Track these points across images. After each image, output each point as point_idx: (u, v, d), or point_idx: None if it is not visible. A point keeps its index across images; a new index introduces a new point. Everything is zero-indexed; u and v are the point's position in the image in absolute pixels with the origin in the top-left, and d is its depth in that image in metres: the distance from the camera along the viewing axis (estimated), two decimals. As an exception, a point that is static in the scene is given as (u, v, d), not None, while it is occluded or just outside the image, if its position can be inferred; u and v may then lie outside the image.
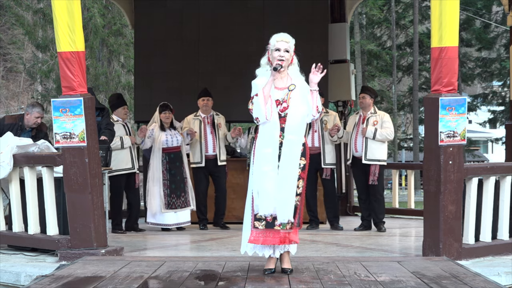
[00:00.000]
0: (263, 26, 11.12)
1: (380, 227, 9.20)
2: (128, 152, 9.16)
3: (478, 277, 5.46)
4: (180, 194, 9.45)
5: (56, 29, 6.59)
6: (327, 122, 9.42)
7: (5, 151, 7.04)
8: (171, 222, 9.45)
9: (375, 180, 9.12)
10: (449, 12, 6.35)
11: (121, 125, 9.22)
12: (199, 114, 9.78)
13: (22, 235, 7.07)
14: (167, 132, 9.44)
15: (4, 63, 34.75)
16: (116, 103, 9.44)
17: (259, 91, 5.53)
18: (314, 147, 9.32)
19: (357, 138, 9.20)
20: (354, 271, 5.66)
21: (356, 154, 9.21)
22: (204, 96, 9.76)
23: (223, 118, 9.93)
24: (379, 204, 9.27)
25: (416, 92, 31.83)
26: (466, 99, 6.53)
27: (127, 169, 9.15)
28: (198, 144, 9.65)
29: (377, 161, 9.11)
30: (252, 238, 5.55)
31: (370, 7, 31.16)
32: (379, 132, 9.09)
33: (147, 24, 11.76)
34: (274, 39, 5.62)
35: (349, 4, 12.34)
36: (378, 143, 9.12)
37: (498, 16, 33.20)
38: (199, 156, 9.66)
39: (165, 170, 9.40)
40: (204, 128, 9.69)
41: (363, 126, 9.17)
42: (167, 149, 9.42)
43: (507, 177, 7.02)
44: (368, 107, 9.28)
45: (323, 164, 9.38)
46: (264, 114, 5.50)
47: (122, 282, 5.21)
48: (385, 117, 9.30)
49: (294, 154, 5.53)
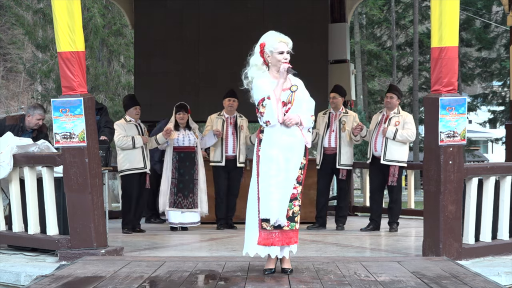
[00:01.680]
0: (263, 26, 11.02)
1: (393, 227, 9.15)
2: (140, 152, 9.17)
3: (478, 277, 5.46)
4: (188, 195, 9.44)
5: (56, 29, 6.59)
6: (345, 123, 9.31)
7: (5, 151, 7.04)
8: (176, 221, 9.45)
9: (394, 181, 9.00)
10: (449, 12, 6.35)
11: (134, 125, 9.26)
12: (222, 114, 9.74)
13: (22, 235, 7.07)
14: (180, 132, 9.49)
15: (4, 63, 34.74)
16: (128, 103, 9.48)
17: (271, 93, 5.43)
18: (331, 147, 9.27)
19: (378, 138, 9.06)
20: (354, 271, 5.66)
21: (376, 153, 9.08)
22: (230, 97, 9.68)
23: (246, 120, 9.80)
24: (396, 205, 9.21)
25: (416, 92, 31.82)
26: (466, 99, 6.52)
27: (139, 169, 9.16)
28: (219, 143, 9.63)
29: (396, 162, 8.95)
30: (261, 239, 5.52)
31: (370, 7, 31.16)
32: (399, 132, 8.92)
33: (147, 24, 11.77)
34: (274, 40, 5.51)
35: (349, 4, 12.35)
36: (398, 144, 8.96)
37: (498, 16, 33.19)
38: (219, 155, 9.63)
39: (174, 168, 9.45)
40: (226, 128, 9.64)
41: (385, 125, 9.03)
42: (178, 148, 9.47)
43: (507, 177, 7.02)
44: (394, 107, 9.13)
45: (338, 165, 9.30)
46: (277, 117, 5.43)
47: (122, 282, 5.21)
48: (408, 118, 9.10)
49: (295, 156, 5.52)
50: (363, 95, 32.74)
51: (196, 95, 11.57)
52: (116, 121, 9.46)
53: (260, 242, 5.52)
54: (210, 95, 10.45)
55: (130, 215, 9.23)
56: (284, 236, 5.53)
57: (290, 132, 5.51)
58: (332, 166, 9.30)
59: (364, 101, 32.82)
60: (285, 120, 5.46)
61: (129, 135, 9.10)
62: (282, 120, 5.47)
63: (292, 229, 5.54)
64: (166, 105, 10.22)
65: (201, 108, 10.87)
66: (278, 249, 5.56)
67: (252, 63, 5.60)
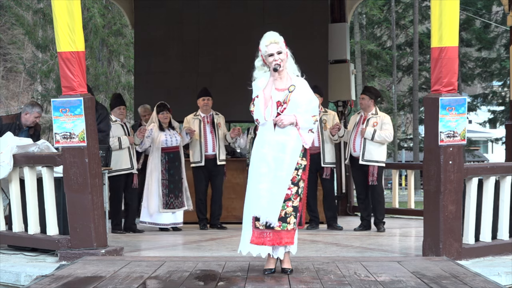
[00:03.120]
0: (263, 26, 11.06)
1: (380, 227, 9.21)
2: (127, 152, 9.17)
3: (478, 277, 5.46)
4: (178, 194, 9.47)
5: (56, 29, 6.59)
6: (326, 121, 9.41)
7: (5, 151, 7.04)
8: (168, 222, 9.46)
9: (374, 180, 9.12)
10: (449, 12, 6.35)
11: (119, 125, 9.23)
12: (198, 114, 9.80)
13: (22, 235, 7.07)
14: (166, 132, 9.46)
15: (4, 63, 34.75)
16: (113, 103, 9.48)
17: (260, 92, 5.55)
18: (314, 146, 9.30)
19: (356, 138, 9.20)
20: (354, 271, 5.66)
21: (354, 154, 9.21)
22: (204, 96, 9.78)
23: (222, 117, 9.94)
24: (379, 205, 9.27)
25: (416, 92, 31.82)
26: (466, 99, 6.52)
27: (125, 169, 9.15)
28: (198, 143, 9.66)
29: (375, 162, 9.09)
30: (254, 238, 5.55)
31: (370, 7, 31.14)
32: (377, 133, 9.07)
33: (147, 24, 11.77)
34: (263, 44, 5.59)
35: (349, 4, 12.35)
36: (376, 144, 9.10)
37: (498, 16, 33.19)
38: (199, 156, 9.67)
39: (164, 170, 9.42)
40: (203, 128, 9.70)
41: (363, 126, 9.17)
42: (167, 148, 9.44)
43: (507, 177, 7.02)
44: (368, 108, 9.26)
45: (323, 164, 9.38)
46: (263, 116, 5.52)
47: (122, 282, 5.21)
48: (386, 119, 9.26)
49: (288, 156, 5.52)
50: (363, 95, 32.69)
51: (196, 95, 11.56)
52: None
53: (253, 241, 5.55)
54: (210, 95, 10.42)
55: (120, 216, 9.23)
56: (275, 236, 5.52)
57: (284, 132, 5.53)
58: (316, 166, 9.32)
59: (364, 101, 32.77)
60: (277, 121, 5.50)
61: (115, 136, 9.06)
62: (274, 120, 5.52)
63: (284, 229, 5.51)
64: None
65: (201, 108, 10.86)
66: (270, 249, 5.57)
67: (256, 65, 5.73)
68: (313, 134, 5.66)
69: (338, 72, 11.76)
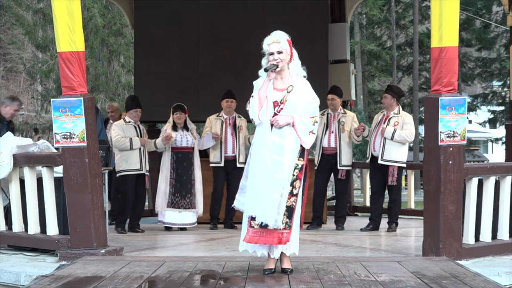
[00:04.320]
0: (263, 26, 11.12)
1: (391, 227, 9.16)
2: (137, 153, 9.18)
3: (478, 277, 5.46)
4: (186, 195, 9.49)
5: (56, 29, 6.59)
6: (344, 123, 9.34)
7: (5, 151, 7.05)
8: (174, 221, 9.48)
9: (394, 181, 9.01)
10: (449, 12, 6.35)
11: (132, 126, 9.27)
12: (221, 115, 9.77)
13: (22, 235, 7.07)
14: (178, 132, 9.51)
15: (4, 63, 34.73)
16: (129, 104, 9.50)
17: (255, 92, 5.55)
18: (330, 147, 9.29)
19: (377, 138, 9.08)
20: (354, 271, 5.66)
21: (374, 153, 9.11)
22: (228, 98, 9.73)
23: (245, 121, 9.83)
24: (395, 205, 9.23)
25: (416, 92, 31.82)
26: (466, 99, 6.53)
27: (135, 170, 9.16)
28: (218, 144, 9.65)
29: (394, 162, 8.96)
30: (248, 237, 5.56)
31: (370, 7, 31.14)
32: (397, 133, 8.92)
33: (147, 24, 11.77)
34: (266, 42, 5.59)
35: (349, 4, 12.35)
36: (396, 144, 8.96)
37: (498, 16, 33.19)
38: (219, 156, 9.66)
39: (172, 169, 9.48)
40: (225, 129, 9.68)
41: (384, 125, 9.05)
42: (176, 148, 9.50)
43: (507, 177, 7.02)
44: (390, 107, 9.13)
45: (339, 166, 9.33)
46: (257, 116, 5.52)
47: (122, 282, 5.22)
48: (407, 119, 9.10)
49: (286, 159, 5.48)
50: (363, 95, 32.74)
51: (196, 95, 11.57)
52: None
53: (246, 239, 5.56)
54: (210, 95, 10.47)
55: (124, 216, 9.24)
56: (267, 235, 5.52)
57: (280, 133, 5.50)
58: (331, 166, 9.32)
59: (364, 101, 32.83)
60: (272, 121, 5.49)
61: (127, 136, 9.11)
62: (270, 120, 5.50)
63: (276, 229, 5.50)
64: (166, 105, 10.22)
65: (201, 108, 10.88)
66: (264, 248, 5.58)
67: (262, 63, 5.71)
68: (314, 136, 5.63)
69: (338, 72, 11.75)
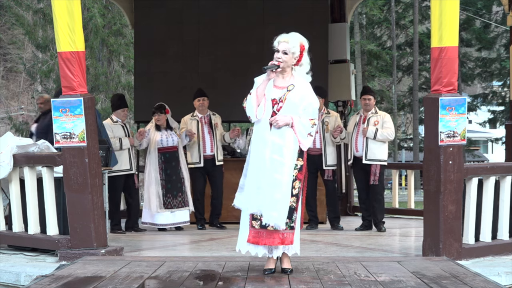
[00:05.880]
0: (263, 26, 11.12)
1: (380, 227, 9.21)
2: (127, 154, 9.20)
3: (478, 277, 5.46)
4: (177, 194, 9.49)
5: (56, 29, 6.60)
6: (328, 123, 9.40)
7: (5, 151, 7.05)
8: (168, 222, 9.48)
9: (376, 180, 9.14)
10: (449, 12, 6.35)
11: (120, 126, 9.26)
12: (196, 115, 9.80)
13: (22, 235, 7.07)
14: (162, 132, 9.50)
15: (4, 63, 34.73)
16: (116, 104, 9.48)
17: (253, 90, 5.54)
18: (315, 148, 9.31)
19: (358, 138, 9.22)
20: (354, 271, 5.66)
21: (357, 154, 9.23)
22: (200, 96, 9.79)
23: (219, 118, 9.93)
24: (379, 204, 9.28)
25: (416, 92, 31.82)
26: (466, 99, 6.53)
27: (124, 170, 9.17)
28: (196, 144, 9.67)
29: (378, 161, 9.13)
30: (251, 237, 5.55)
31: (370, 7, 31.13)
32: (379, 132, 9.10)
33: (147, 24, 11.76)
34: (276, 39, 5.59)
35: (349, 4, 12.34)
36: (378, 143, 9.14)
37: (498, 16, 33.19)
38: (197, 156, 9.68)
39: (161, 170, 9.45)
40: (201, 128, 9.71)
41: (364, 126, 9.18)
42: (162, 149, 9.47)
43: (507, 177, 7.02)
44: (371, 108, 9.30)
45: (325, 166, 9.39)
46: (255, 113, 5.50)
47: (122, 282, 5.22)
48: (386, 117, 9.31)
49: (286, 160, 5.47)
50: (363, 95, 32.67)
51: (196, 95, 11.57)
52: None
53: (249, 240, 5.56)
54: (210, 95, 10.43)
55: (118, 216, 9.25)
56: (268, 236, 5.52)
57: (279, 133, 5.49)
58: (317, 167, 9.34)
59: (364, 101, 32.76)
60: (272, 121, 5.48)
61: (116, 137, 9.10)
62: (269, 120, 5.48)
63: (276, 230, 5.50)
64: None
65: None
66: (264, 249, 5.56)
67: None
68: (311, 138, 5.63)
69: (338, 72, 11.75)
